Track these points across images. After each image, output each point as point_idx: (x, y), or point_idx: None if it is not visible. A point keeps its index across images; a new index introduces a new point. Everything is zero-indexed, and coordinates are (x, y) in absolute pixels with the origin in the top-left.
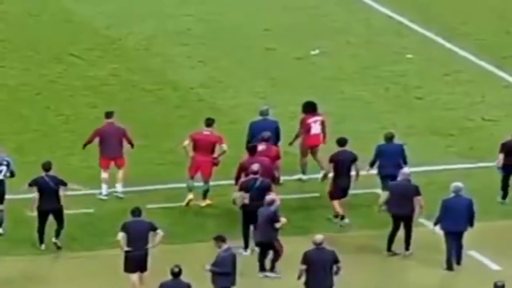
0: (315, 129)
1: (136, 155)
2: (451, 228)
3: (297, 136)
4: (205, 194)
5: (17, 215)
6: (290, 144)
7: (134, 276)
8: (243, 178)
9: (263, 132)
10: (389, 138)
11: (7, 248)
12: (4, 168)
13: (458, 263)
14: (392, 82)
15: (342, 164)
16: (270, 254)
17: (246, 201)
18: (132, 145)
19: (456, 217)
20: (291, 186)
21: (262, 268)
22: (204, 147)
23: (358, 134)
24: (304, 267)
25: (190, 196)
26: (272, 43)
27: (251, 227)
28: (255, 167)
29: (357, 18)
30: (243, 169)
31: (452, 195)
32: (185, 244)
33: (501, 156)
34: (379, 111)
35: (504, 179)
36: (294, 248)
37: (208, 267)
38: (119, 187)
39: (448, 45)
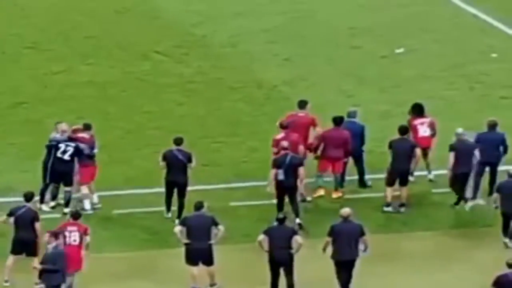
0: (423, 131)
1: (221, 153)
2: None
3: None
4: None
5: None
6: None
7: (194, 269)
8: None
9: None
10: (492, 125)
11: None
12: (70, 149)
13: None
14: (477, 81)
15: (399, 151)
16: None
17: (281, 177)
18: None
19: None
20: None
21: (505, 235)
22: (298, 129)
23: (444, 133)
24: (329, 239)
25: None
26: (358, 41)
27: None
28: (285, 143)
29: (443, 17)
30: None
31: None
32: None
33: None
34: (464, 110)
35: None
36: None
37: (36, 264)
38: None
39: None
